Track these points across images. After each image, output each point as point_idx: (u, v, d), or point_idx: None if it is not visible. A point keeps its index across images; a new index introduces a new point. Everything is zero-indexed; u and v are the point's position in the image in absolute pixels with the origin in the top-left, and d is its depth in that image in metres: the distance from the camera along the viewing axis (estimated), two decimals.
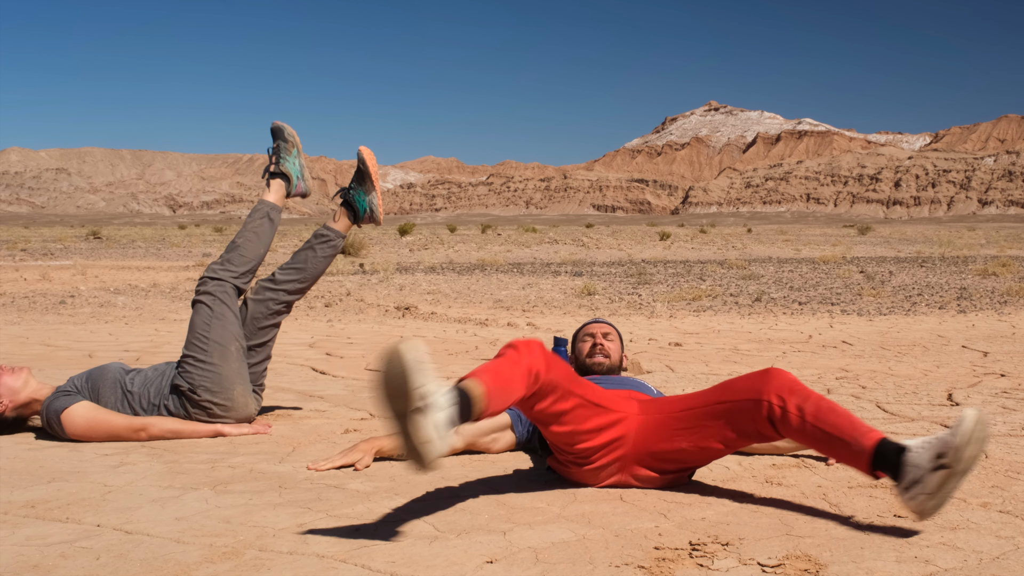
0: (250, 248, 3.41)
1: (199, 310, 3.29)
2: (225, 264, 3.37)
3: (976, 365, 5.29)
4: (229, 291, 3.33)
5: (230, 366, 3.24)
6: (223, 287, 3.32)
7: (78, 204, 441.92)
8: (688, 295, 10.93)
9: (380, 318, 8.72)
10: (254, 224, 3.45)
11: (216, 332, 3.23)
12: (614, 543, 2.07)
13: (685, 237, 43.69)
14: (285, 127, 3.55)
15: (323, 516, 2.27)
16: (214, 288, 3.31)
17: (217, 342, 3.22)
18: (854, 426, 2.24)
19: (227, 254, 3.41)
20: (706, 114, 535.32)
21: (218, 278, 3.33)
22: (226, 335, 3.25)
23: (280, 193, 3.54)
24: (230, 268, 3.36)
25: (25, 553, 2.00)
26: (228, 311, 3.30)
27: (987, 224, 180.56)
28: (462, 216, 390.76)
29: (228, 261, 3.37)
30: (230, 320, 3.28)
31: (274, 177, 3.53)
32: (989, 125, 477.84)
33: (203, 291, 3.32)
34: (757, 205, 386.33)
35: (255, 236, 3.43)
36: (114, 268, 17.92)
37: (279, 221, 3.54)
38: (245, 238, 3.42)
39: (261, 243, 3.44)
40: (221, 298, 3.30)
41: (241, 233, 3.44)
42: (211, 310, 3.27)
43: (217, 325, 3.24)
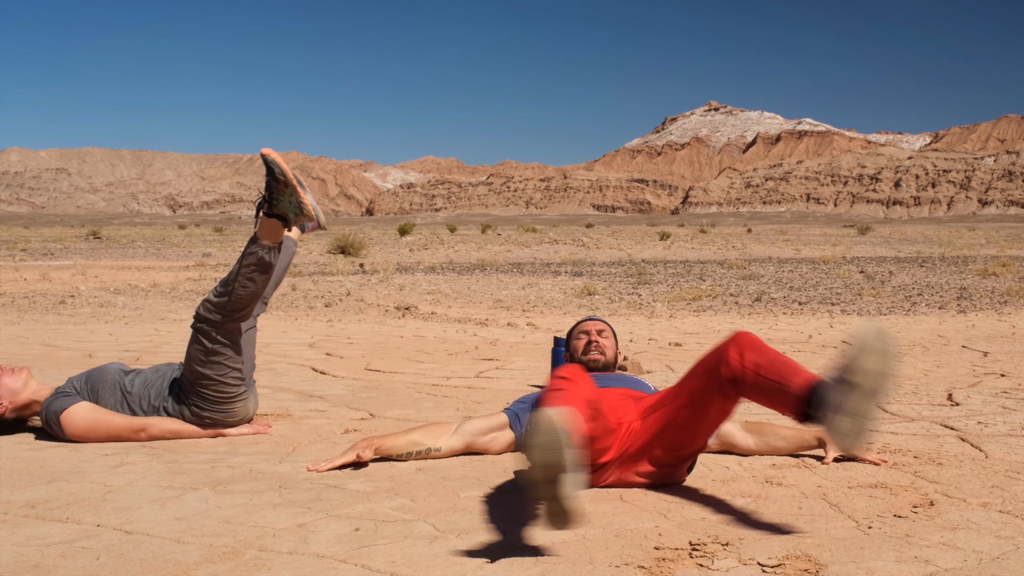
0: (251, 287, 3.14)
1: (193, 343, 3.15)
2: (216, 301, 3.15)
3: (976, 365, 5.29)
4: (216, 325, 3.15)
5: (228, 389, 3.21)
6: (211, 323, 3.15)
7: (78, 204, 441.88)
8: (688, 295, 10.93)
9: (380, 318, 8.72)
10: (251, 262, 3.13)
11: (212, 367, 3.16)
12: (614, 543, 2.07)
13: (685, 237, 43.69)
14: (276, 163, 3.07)
15: (323, 516, 2.27)
16: (204, 326, 3.15)
17: (213, 377, 3.17)
18: (795, 371, 2.22)
19: (221, 289, 3.16)
20: (706, 114, 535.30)
21: (206, 316, 3.15)
22: (220, 368, 3.18)
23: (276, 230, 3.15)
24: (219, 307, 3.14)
25: (25, 553, 2.00)
26: (220, 346, 3.15)
27: (987, 224, 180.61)
28: (462, 216, 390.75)
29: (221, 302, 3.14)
30: (224, 354, 3.17)
31: (273, 218, 3.14)
32: (989, 125, 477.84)
33: (195, 325, 3.16)
34: (757, 205, 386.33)
35: (255, 274, 3.14)
36: (114, 268, 17.92)
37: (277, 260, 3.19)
38: (247, 275, 3.13)
39: (259, 282, 3.15)
40: (210, 334, 3.15)
41: (238, 267, 3.15)
42: (205, 347, 3.14)
43: (213, 360, 3.16)
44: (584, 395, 2.30)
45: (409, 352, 5.99)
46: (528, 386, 4.51)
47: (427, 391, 4.35)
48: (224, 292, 3.13)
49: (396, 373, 4.98)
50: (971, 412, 3.72)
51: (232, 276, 3.14)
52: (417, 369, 5.13)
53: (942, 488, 2.52)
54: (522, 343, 6.62)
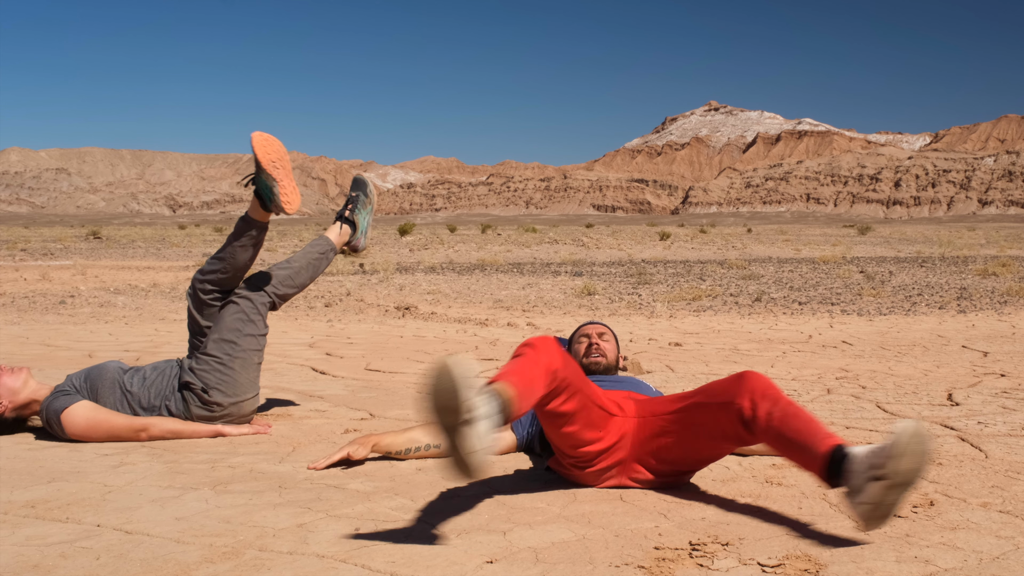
0: (301, 276, 3.44)
1: (233, 311, 3.25)
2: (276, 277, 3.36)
3: (976, 365, 5.29)
4: (267, 303, 3.33)
5: (247, 374, 3.24)
6: (264, 298, 3.31)
7: (78, 204, 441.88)
8: (688, 295, 10.93)
9: (380, 318, 8.72)
10: (313, 256, 3.48)
11: (246, 340, 3.23)
12: (614, 543, 2.07)
13: (685, 237, 43.69)
14: (368, 183, 3.70)
15: (323, 516, 2.27)
16: (255, 296, 3.29)
17: (244, 348, 3.22)
18: (813, 431, 2.20)
19: (281, 271, 3.39)
20: (706, 114, 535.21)
21: (263, 288, 3.33)
22: (253, 344, 3.25)
23: (344, 238, 3.59)
24: (277, 284, 3.36)
25: (25, 553, 2.00)
26: (261, 321, 3.29)
27: (987, 224, 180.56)
28: (462, 216, 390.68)
29: (281, 279, 3.37)
30: (260, 330, 3.29)
31: (344, 222, 3.60)
32: (989, 125, 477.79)
33: (243, 295, 3.29)
34: (757, 205, 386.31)
35: (309, 267, 3.46)
36: (114, 268, 17.92)
37: (331, 261, 3.61)
38: (300, 264, 3.44)
39: (311, 275, 3.47)
40: (258, 308, 3.29)
41: (298, 258, 3.45)
42: (246, 316, 3.25)
43: (248, 332, 3.24)
44: (547, 363, 2.26)
45: (409, 352, 5.99)
46: None
47: None
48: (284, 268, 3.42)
49: (396, 373, 4.98)
50: (971, 412, 3.72)
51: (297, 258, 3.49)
52: (417, 369, 5.13)
53: (942, 488, 2.53)
54: None
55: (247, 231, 3.31)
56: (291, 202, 3.25)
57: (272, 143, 3.22)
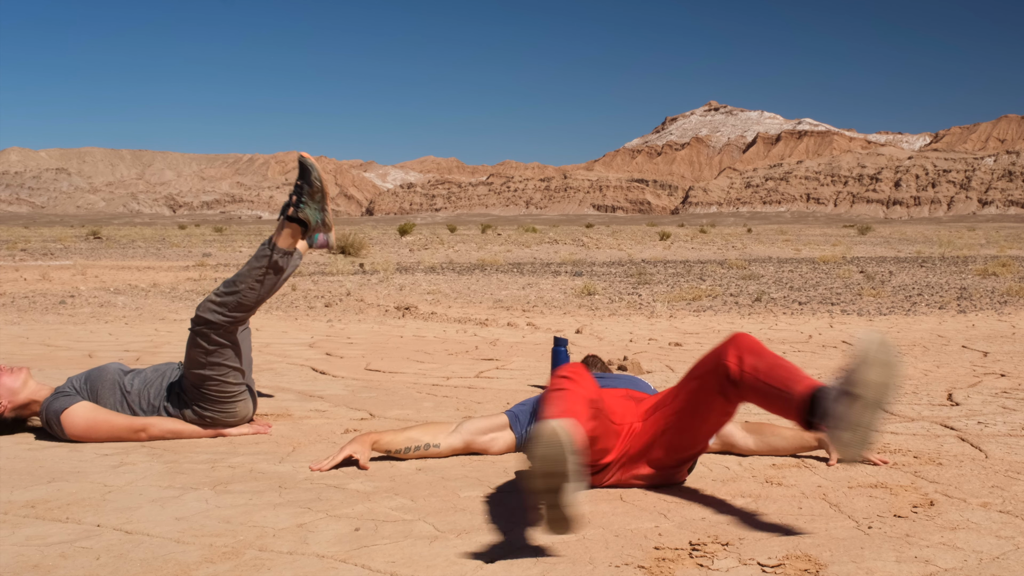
0: (253, 294, 3.12)
1: (193, 345, 3.13)
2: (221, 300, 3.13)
3: (976, 365, 5.29)
4: (221, 328, 3.14)
5: (228, 389, 3.20)
6: (215, 326, 3.13)
7: (78, 204, 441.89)
8: (688, 295, 10.93)
9: (380, 318, 8.72)
10: (258, 269, 3.11)
11: (213, 368, 3.15)
12: (614, 543, 2.07)
13: (685, 237, 43.68)
14: (312, 168, 3.12)
15: (323, 516, 2.27)
16: (206, 328, 3.13)
17: (214, 377, 3.17)
18: (794, 379, 2.21)
19: (224, 291, 3.14)
20: (706, 114, 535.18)
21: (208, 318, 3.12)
22: (221, 369, 3.17)
23: (288, 241, 3.16)
24: (225, 309, 3.12)
25: (25, 553, 2.00)
26: (221, 348, 3.14)
27: (987, 224, 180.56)
28: (462, 216, 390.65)
29: (226, 302, 3.12)
30: (225, 356, 3.16)
31: (290, 221, 3.14)
32: (989, 125, 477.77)
33: (195, 328, 3.14)
34: (757, 205, 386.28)
35: (264, 281, 3.12)
36: (114, 268, 17.92)
37: (297, 264, 3.21)
38: (252, 281, 3.12)
39: (266, 288, 3.13)
40: (212, 338, 3.13)
41: (245, 273, 3.14)
42: (205, 349, 3.12)
43: (213, 361, 3.15)
44: (586, 395, 2.30)
45: (409, 352, 5.99)
46: (528, 386, 4.51)
47: (427, 391, 4.36)
48: (229, 292, 3.11)
49: (396, 373, 4.98)
50: (971, 412, 3.72)
51: (240, 277, 3.12)
52: (417, 369, 5.13)
53: (942, 488, 2.53)
54: (522, 343, 6.62)
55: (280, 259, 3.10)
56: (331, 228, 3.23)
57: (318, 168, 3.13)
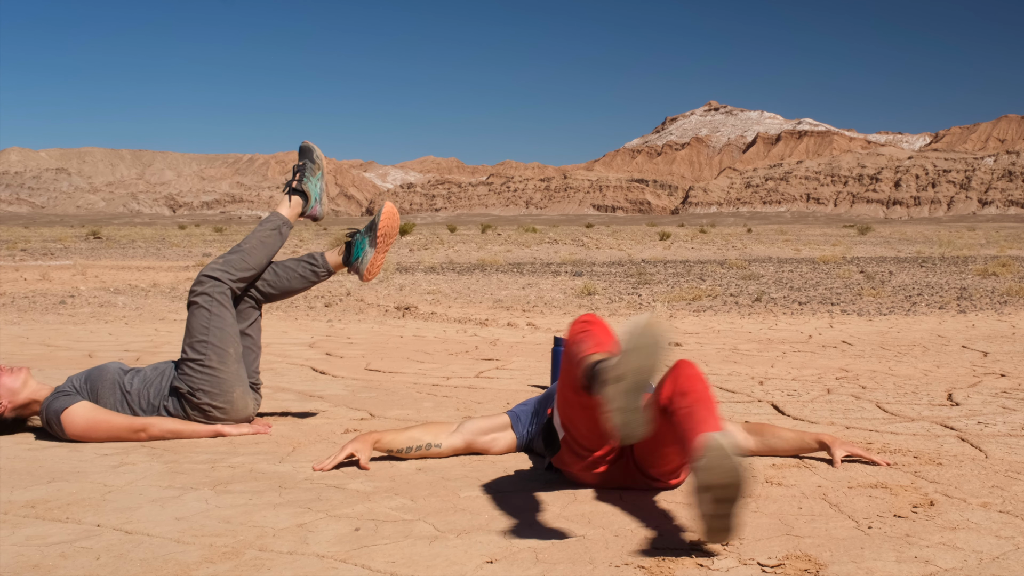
0: (254, 256, 3.37)
1: (196, 312, 3.25)
2: (225, 266, 3.32)
3: (976, 365, 5.29)
4: (226, 292, 3.29)
5: (229, 368, 3.23)
6: (220, 288, 3.27)
7: (78, 204, 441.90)
8: (688, 295, 10.93)
9: (380, 318, 8.72)
10: (263, 233, 3.43)
11: (214, 335, 3.20)
12: (614, 543, 2.07)
13: (685, 237, 43.68)
14: (314, 148, 3.58)
15: (323, 516, 2.27)
16: (211, 289, 3.26)
17: (216, 345, 3.20)
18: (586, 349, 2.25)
19: (228, 256, 3.36)
20: (706, 114, 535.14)
21: (215, 278, 3.28)
22: (224, 337, 3.22)
23: (296, 210, 3.53)
24: (229, 270, 3.31)
25: (25, 553, 2.00)
26: (226, 312, 3.26)
27: (987, 224, 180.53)
28: (462, 216, 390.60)
29: (228, 263, 3.33)
30: (228, 322, 3.25)
31: (294, 193, 3.53)
32: (989, 125, 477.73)
33: (200, 292, 3.27)
34: (757, 205, 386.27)
35: (261, 245, 3.40)
36: (114, 268, 17.92)
37: (287, 236, 3.53)
38: (251, 244, 3.38)
39: (265, 253, 3.40)
40: (219, 299, 3.26)
41: (248, 239, 3.41)
42: (208, 312, 3.23)
43: (215, 327, 3.21)
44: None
45: (409, 352, 5.99)
46: (528, 386, 4.51)
47: (427, 391, 4.36)
48: (233, 252, 3.38)
49: (396, 373, 4.98)
50: (971, 412, 3.72)
51: (246, 240, 3.44)
52: (417, 369, 5.13)
53: (942, 488, 2.53)
54: (522, 343, 6.62)
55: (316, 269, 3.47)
56: (372, 272, 3.45)
57: (395, 219, 3.47)
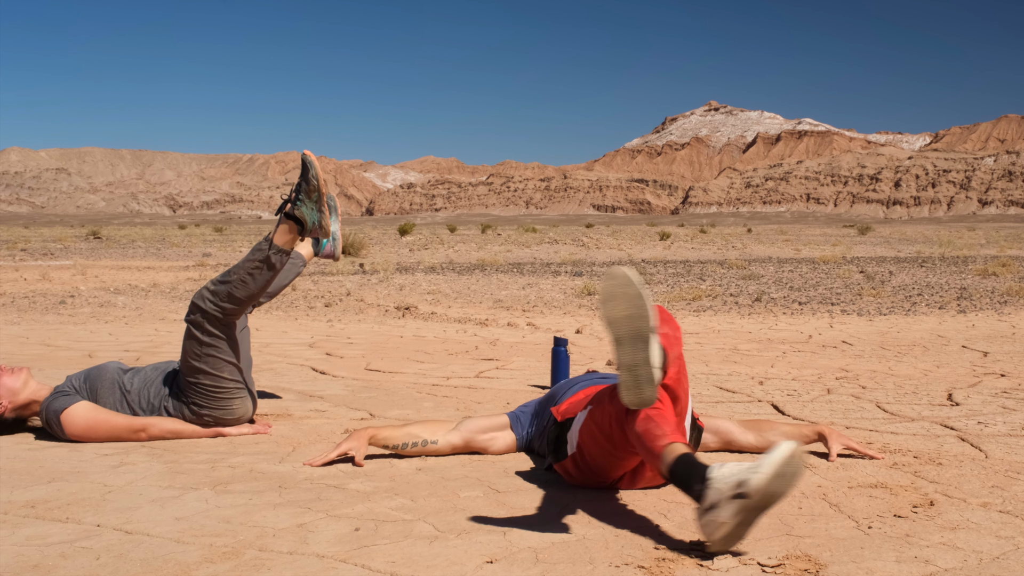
0: (241, 289, 3.11)
1: (188, 336, 3.14)
2: (213, 296, 3.14)
3: (976, 365, 5.29)
4: (215, 317, 3.14)
5: (224, 385, 3.18)
6: (207, 315, 3.14)
7: (78, 204, 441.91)
8: (688, 295, 10.93)
9: (380, 318, 8.72)
10: (250, 265, 3.10)
11: (207, 362, 3.14)
12: (614, 543, 2.07)
13: (685, 237, 43.68)
14: (312, 166, 3.08)
15: (323, 516, 2.27)
16: (199, 318, 3.14)
17: (209, 371, 3.15)
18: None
19: (218, 286, 3.15)
20: (706, 114, 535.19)
21: (202, 308, 3.13)
22: (217, 363, 3.15)
23: (288, 237, 3.12)
24: (217, 302, 3.12)
25: (25, 553, 2.00)
26: (215, 338, 3.14)
27: (987, 224, 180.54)
28: (462, 216, 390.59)
29: (216, 295, 3.13)
30: (221, 348, 3.15)
31: (287, 218, 3.11)
32: (989, 125, 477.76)
33: (191, 318, 3.15)
34: (757, 205, 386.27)
35: (250, 279, 3.11)
36: (114, 268, 17.92)
37: (284, 264, 3.15)
38: (238, 277, 3.11)
39: (255, 287, 3.12)
40: (205, 327, 3.13)
41: (236, 270, 3.14)
42: (198, 341, 3.12)
43: (207, 355, 3.14)
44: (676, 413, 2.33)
45: (409, 352, 5.99)
46: (528, 386, 4.51)
47: (427, 391, 4.36)
48: (222, 282, 3.13)
49: (396, 373, 4.98)
50: (971, 412, 3.72)
51: (234, 269, 3.15)
52: (417, 369, 5.13)
53: (942, 488, 2.53)
54: (522, 343, 6.62)
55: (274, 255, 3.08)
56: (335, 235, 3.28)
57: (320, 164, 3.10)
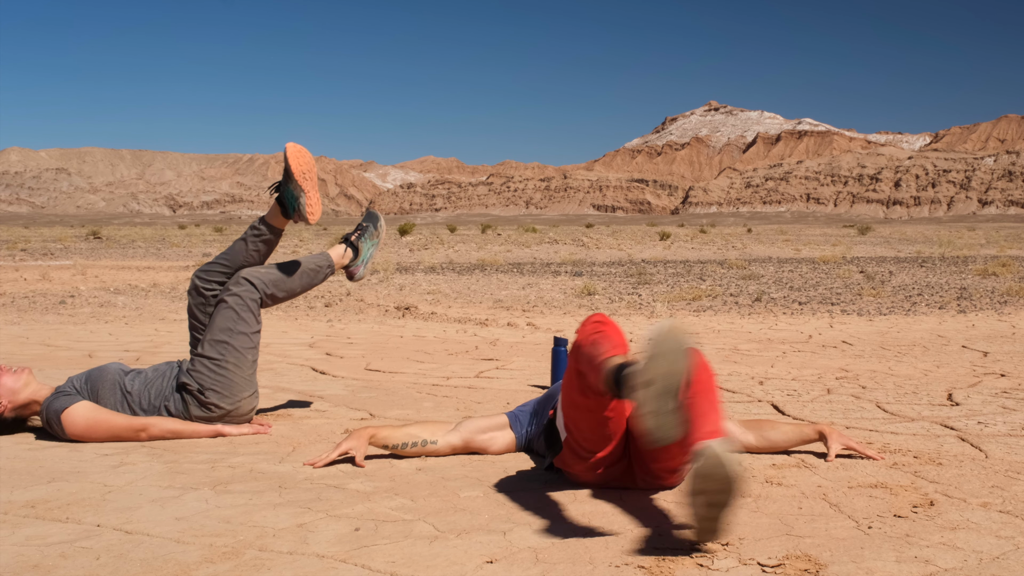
0: (294, 283, 3.41)
1: (223, 311, 3.25)
2: (266, 277, 3.33)
3: (976, 365, 5.29)
4: (257, 300, 3.30)
5: (243, 373, 3.23)
6: (254, 295, 3.29)
7: (78, 204, 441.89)
8: (688, 295, 10.93)
9: (380, 318, 8.72)
10: (311, 266, 3.47)
11: (237, 339, 3.22)
12: (614, 543, 2.07)
13: (685, 237, 43.68)
14: (380, 218, 3.76)
15: (323, 516, 2.27)
16: (244, 292, 3.27)
17: (235, 348, 3.21)
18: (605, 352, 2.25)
19: (273, 272, 3.38)
20: (706, 114, 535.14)
21: (253, 284, 3.30)
22: (245, 342, 3.24)
23: (344, 260, 3.60)
24: (268, 285, 3.33)
25: (25, 553, 2.00)
26: (252, 318, 3.28)
27: (987, 224, 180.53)
28: (462, 216, 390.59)
29: (270, 278, 3.35)
30: (252, 328, 3.27)
31: (348, 246, 3.63)
32: (989, 125, 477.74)
33: (234, 292, 3.28)
34: (757, 205, 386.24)
35: (304, 276, 3.44)
36: (114, 268, 17.92)
37: (327, 279, 3.62)
38: (300, 272, 3.43)
39: (302, 285, 3.44)
40: (248, 305, 3.27)
41: (300, 270, 3.44)
42: (236, 314, 3.24)
43: (239, 332, 3.22)
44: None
45: (409, 352, 5.99)
46: (528, 386, 4.51)
47: (427, 391, 4.36)
48: (282, 268, 3.42)
49: (396, 373, 4.98)
50: (971, 412, 3.72)
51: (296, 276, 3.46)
52: (417, 369, 5.13)
53: (942, 488, 2.53)
54: (522, 343, 6.62)
55: (260, 234, 3.40)
56: (314, 213, 3.38)
57: (304, 155, 3.37)
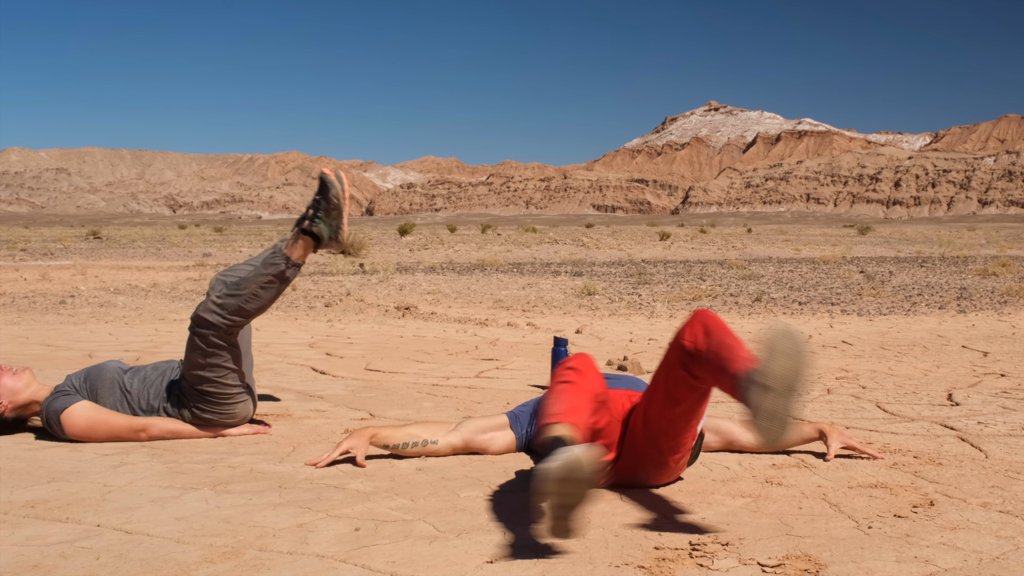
0: (252, 303, 3.09)
1: (192, 347, 3.09)
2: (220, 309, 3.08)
3: (976, 365, 5.29)
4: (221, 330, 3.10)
5: (228, 391, 3.18)
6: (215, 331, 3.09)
7: (78, 204, 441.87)
8: (688, 295, 10.93)
9: (380, 318, 8.72)
10: (263, 278, 3.07)
11: (211, 371, 3.12)
12: (614, 543, 2.07)
13: (685, 237, 43.68)
14: (332, 185, 3.06)
15: (323, 516, 2.27)
16: (204, 331, 3.09)
17: (213, 380, 3.14)
18: (733, 354, 2.20)
19: (227, 298, 3.08)
20: (706, 114, 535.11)
21: (210, 323, 3.08)
22: (222, 372, 3.14)
23: (304, 252, 3.12)
24: (224, 315, 3.07)
25: (25, 553, 2.00)
26: (222, 348, 3.11)
27: (987, 224, 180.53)
28: (462, 216, 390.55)
29: (224, 307, 3.07)
30: (224, 357, 3.12)
31: (304, 234, 3.10)
32: (989, 125, 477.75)
33: (195, 330, 3.10)
34: (757, 205, 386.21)
35: (262, 291, 3.08)
36: (114, 268, 17.92)
37: (294, 279, 3.21)
38: (250, 291, 3.07)
39: (265, 301, 3.13)
40: (212, 340, 3.09)
41: (247, 282, 3.09)
42: (204, 351, 3.08)
43: (211, 363, 3.12)
44: (592, 388, 2.33)
45: (409, 352, 5.99)
46: (528, 386, 4.51)
47: (427, 391, 4.36)
48: (231, 295, 3.06)
49: (396, 373, 4.98)
50: (971, 412, 3.72)
51: (244, 281, 3.07)
52: (417, 369, 5.13)
53: (942, 488, 2.53)
54: (522, 343, 6.62)
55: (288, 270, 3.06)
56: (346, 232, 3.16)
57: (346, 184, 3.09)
